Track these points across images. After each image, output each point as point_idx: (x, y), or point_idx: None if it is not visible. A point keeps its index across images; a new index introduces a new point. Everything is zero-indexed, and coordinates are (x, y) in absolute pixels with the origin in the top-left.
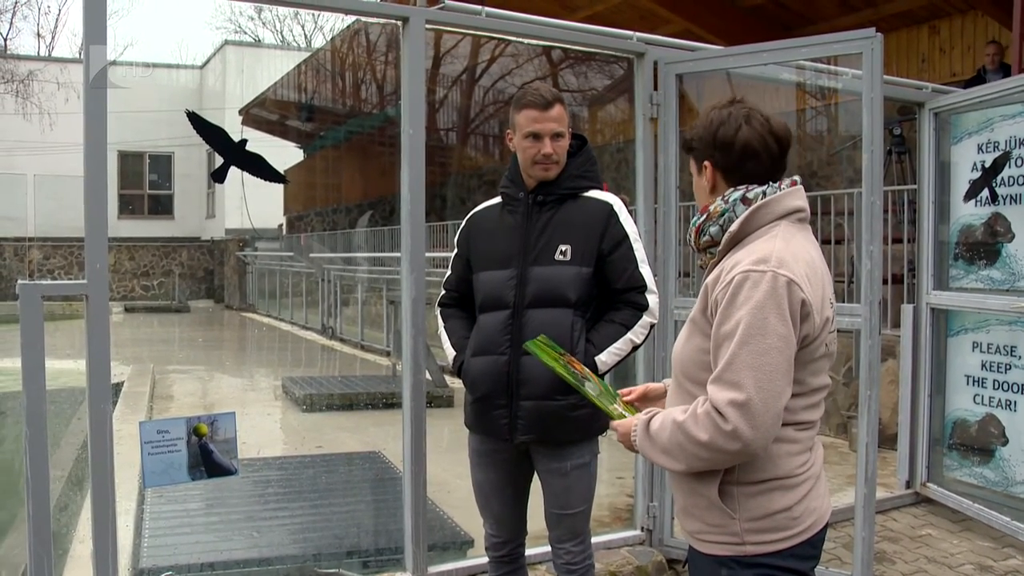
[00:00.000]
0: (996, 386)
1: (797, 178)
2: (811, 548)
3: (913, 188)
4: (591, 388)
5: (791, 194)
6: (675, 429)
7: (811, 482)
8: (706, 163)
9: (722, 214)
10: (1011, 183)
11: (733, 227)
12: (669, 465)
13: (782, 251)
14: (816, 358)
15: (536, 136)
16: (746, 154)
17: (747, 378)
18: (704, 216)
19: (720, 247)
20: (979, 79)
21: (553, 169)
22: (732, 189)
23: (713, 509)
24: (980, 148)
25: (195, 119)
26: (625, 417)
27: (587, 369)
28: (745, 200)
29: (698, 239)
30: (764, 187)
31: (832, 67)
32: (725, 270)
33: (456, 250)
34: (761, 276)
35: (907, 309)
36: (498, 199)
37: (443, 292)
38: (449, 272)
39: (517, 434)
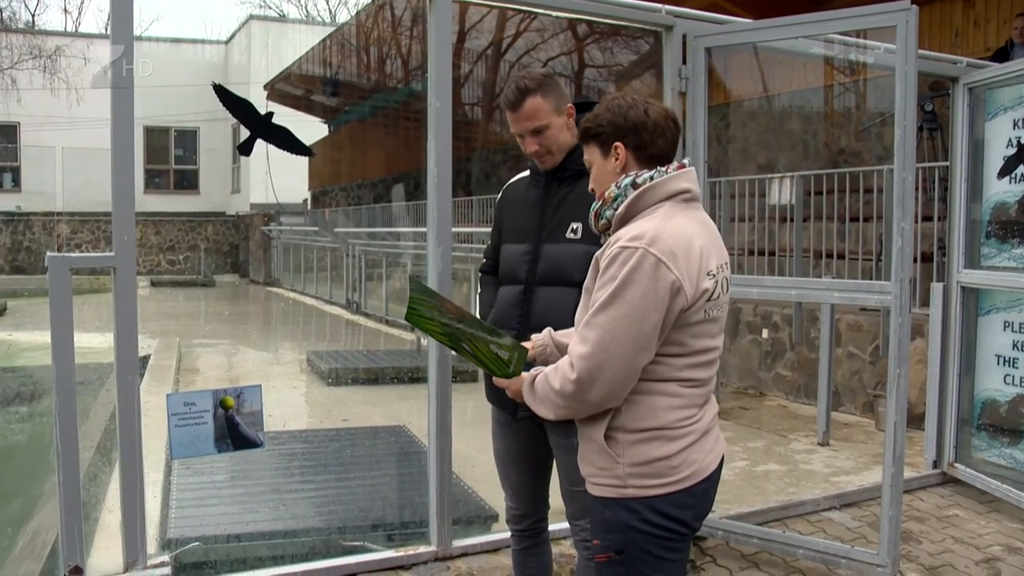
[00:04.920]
0: None
1: (686, 161)
2: (691, 497)
3: (944, 165)
4: (467, 347)
5: (677, 177)
6: (543, 380)
7: (694, 436)
8: (618, 144)
9: (615, 199)
10: None
11: (620, 209)
12: (542, 413)
13: (658, 229)
14: (693, 323)
15: (520, 135)
16: (656, 132)
17: (594, 335)
18: (601, 202)
19: (612, 227)
20: (1004, 52)
21: (547, 160)
22: (624, 175)
23: (602, 453)
24: (1016, 124)
25: (222, 92)
26: (513, 359)
27: (464, 310)
28: (635, 185)
29: (596, 223)
30: (652, 172)
31: (863, 41)
32: (609, 244)
33: (495, 220)
34: (632, 252)
35: (937, 288)
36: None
37: (483, 260)
38: (489, 240)
39: (520, 409)
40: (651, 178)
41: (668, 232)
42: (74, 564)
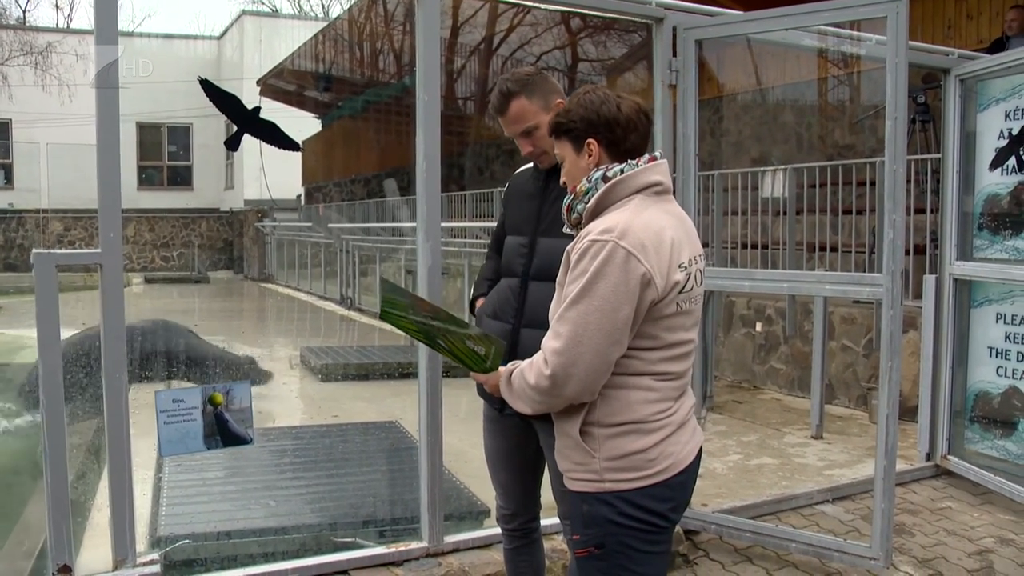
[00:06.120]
0: (1020, 358)
1: (658, 154)
2: (668, 490)
3: (937, 157)
4: (443, 343)
5: (648, 170)
6: (519, 375)
7: (669, 428)
8: (591, 141)
9: (586, 192)
10: None
11: (591, 203)
12: (519, 407)
13: (628, 221)
14: (665, 316)
15: (514, 137)
16: (629, 127)
17: (566, 330)
18: (572, 196)
19: (583, 221)
20: (1000, 44)
21: (544, 159)
22: (595, 169)
23: (578, 448)
24: (1008, 115)
25: (208, 87)
26: (490, 355)
27: (439, 308)
28: (606, 178)
29: (569, 217)
30: (623, 165)
31: (855, 32)
32: (579, 239)
33: (502, 208)
34: (603, 246)
35: (929, 280)
36: None
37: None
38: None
39: (508, 406)
40: (621, 171)
41: (638, 225)
42: (63, 563)
